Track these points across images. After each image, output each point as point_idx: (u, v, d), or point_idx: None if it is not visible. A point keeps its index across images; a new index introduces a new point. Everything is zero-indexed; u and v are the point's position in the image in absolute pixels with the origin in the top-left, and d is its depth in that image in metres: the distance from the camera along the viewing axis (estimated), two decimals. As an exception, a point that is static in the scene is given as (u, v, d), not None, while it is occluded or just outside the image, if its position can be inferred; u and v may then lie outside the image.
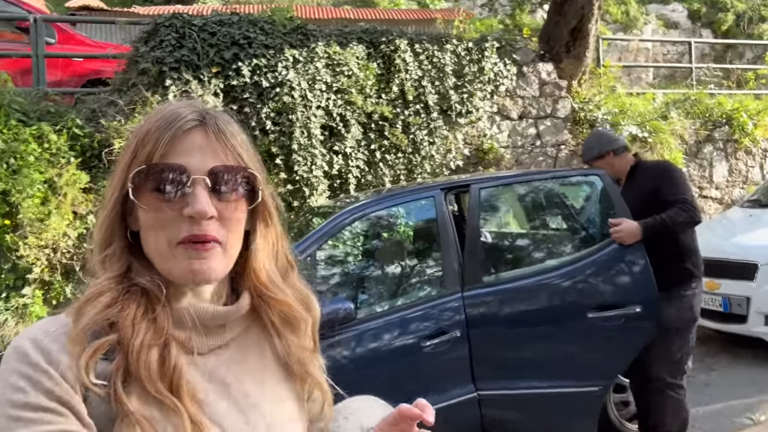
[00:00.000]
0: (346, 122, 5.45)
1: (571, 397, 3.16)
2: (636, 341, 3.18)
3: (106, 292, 0.75)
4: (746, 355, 5.19)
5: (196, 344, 0.78)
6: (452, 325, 3.21)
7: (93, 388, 0.69)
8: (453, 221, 3.48)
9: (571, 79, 6.47)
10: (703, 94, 7.40)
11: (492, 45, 6.08)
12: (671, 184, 3.13)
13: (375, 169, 5.57)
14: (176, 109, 0.80)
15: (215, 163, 0.78)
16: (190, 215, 0.75)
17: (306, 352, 0.88)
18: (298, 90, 5.27)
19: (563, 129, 6.38)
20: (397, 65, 5.69)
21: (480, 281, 3.35)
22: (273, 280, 0.85)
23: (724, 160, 7.30)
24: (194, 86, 5.05)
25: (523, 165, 6.22)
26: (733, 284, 4.97)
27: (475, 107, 5.97)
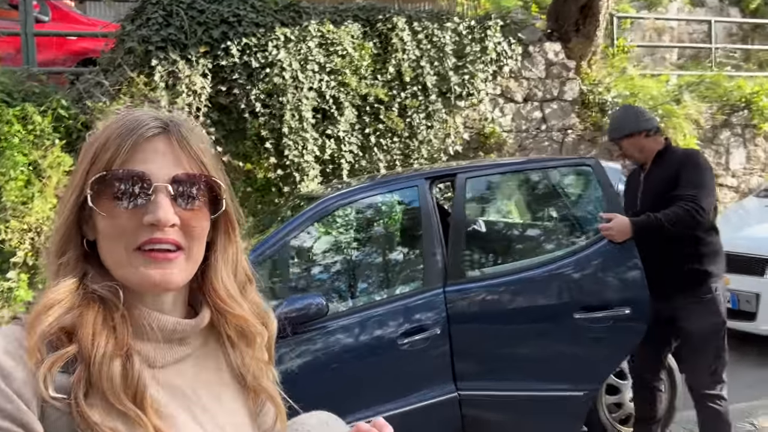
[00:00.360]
0: (340, 105, 5.25)
1: (554, 401, 3.03)
2: (625, 345, 3.01)
3: (63, 301, 0.73)
4: (753, 354, 4.94)
5: (157, 357, 0.77)
6: (433, 322, 3.09)
7: (52, 402, 0.67)
8: (438, 212, 3.32)
9: (581, 60, 6.16)
10: (721, 77, 7.03)
11: (496, 23, 5.80)
12: (687, 177, 2.80)
13: (369, 154, 5.37)
14: (139, 115, 0.78)
15: (178, 170, 0.77)
16: (150, 223, 0.74)
17: (261, 365, 0.87)
18: (289, 71, 5.07)
19: (570, 112, 6.10)
20: (394, 45, 5.45)
21: (463, 276, 3.21)
22: (231, 294, 0.84)
23: (742, 146, 6.95)
24: (181, 66, 4.88)
25: (527, 150, 5.97)
26: (743, 279, 4.70)
27: (476, 89, 5.71)
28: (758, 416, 3.85)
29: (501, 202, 3.72)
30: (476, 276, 3.26)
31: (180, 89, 4.86)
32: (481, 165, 3.58)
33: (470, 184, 3.33)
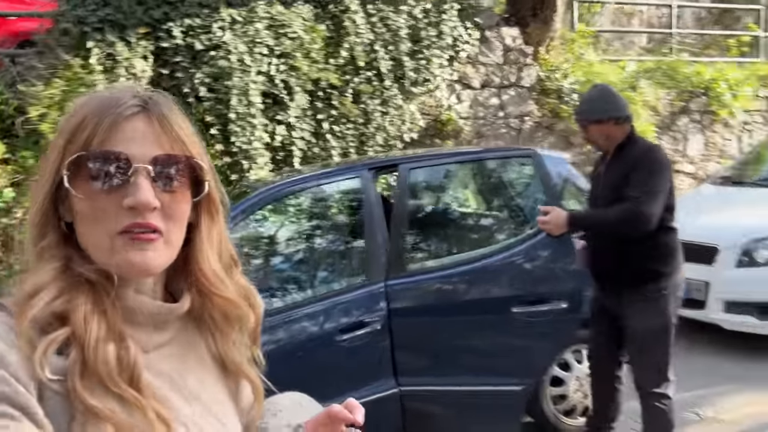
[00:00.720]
0: (290, 89, 5.07)
1: (493, 395, 3.01)
2: (561, 338, 3.01)
3: (51, 283, 0.71)
4: (703, 342, 4.97)
5: (142, 341, 0.76)
6: (373, 317, 3.03)
7: (50, 384, 0.66)
8: (381, 204, 3.23)
9: (538, 46, 6.07)
10: (681, 62, 7.02)
11: (452, 7, 5.65)
12: (637, 177, 2.65)
13: (323, 141, 5.22)
14: (118, 93, 0.76)
15: (158, 151, 0.74)
16: (130, 206, 0.71)
17: (241, 348, 0.86)
18: (235, 53, 4.87)
19: (528, 99, 6.02)
20: (347, 28, 5.28)
21: (405, 270, 3.15)
22: (218, 275, 0.82)
23: (700, 132, 6.97)
24: (120, 48, 4.64)
25: (484, 138, 5.88)
26: (693, 268, 4.67)
27: (432, 75, 5.58)
28: (703, 406, 3.87)
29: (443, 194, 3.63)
30: (417, 269, 3.19)
31: (118, 72, 4.62)
32: (425, 155, 3.48)
33: (413, 174, 3.24)
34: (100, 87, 4.56)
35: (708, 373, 4.35)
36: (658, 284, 2.71)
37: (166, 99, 0.80)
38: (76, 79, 4.59)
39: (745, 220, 4.79)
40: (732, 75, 6.93)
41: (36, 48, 4.84)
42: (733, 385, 4.14)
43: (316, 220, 3.55)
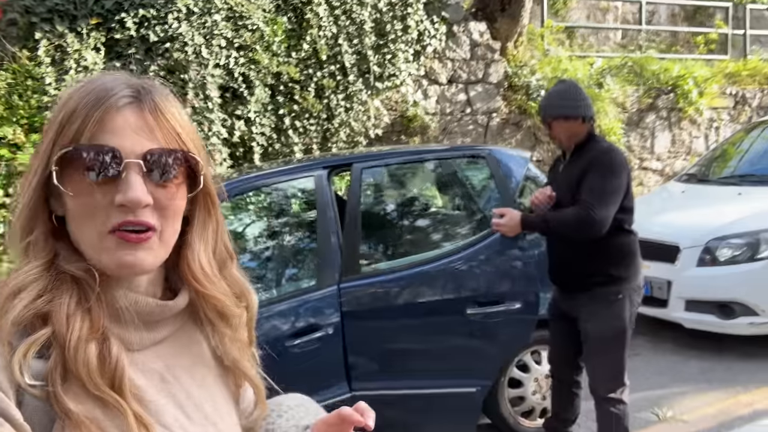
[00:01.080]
0: (250, 83, 4.92)
1: (449, 397, 2.97)
2: (515, 339, 2.98)
3: (33, 282, 0.69)
4: (668, 339, 4.97)
5: (133, 339, 0.74)
6: (326, 321, 2.95)
7: (29, 389, 0.64)
8: (335, 204, 3.14)
9: (506, 41, 6.00)
10: (649, 59, 7.01)
11: (418, 0, 5.54)
12: (590, 181, 2.58)
13: (284, 136, 5.08)
14: (108, 82, 0.72)
15: (151, 145, 0.71)
16: (121, 203, 0.69)
17: (241, 346, 0.84)
18: (191, 45, 4.70)
19: (496, 95, 5.95)
20: (310, 20, 5.14)
21: (358, 272, 3.07)
22: (206, 273, 0.79)
23: (667, 129, 6.98)
24: (70, 40, 4.44)
25: (451, 134, 5.80)
26: (656, 266, 4.68)
27: (398, 69, 5.47)
28: (662, 405, 3.84)
29: (398, 193, 3.54)
30: (370, 272, 3.11)
31: (68, 65, 4.43)
32: (378, 154, 3.38)
33: (366, 174, 3.16)
34: (48, 80, 4.37)
35: (670, 373, 4.34)
36: (613, 288, 2.65)
37: (160, 88, 0.76)
38: (23, 71, 4.40)
39: (707, 219, 4.79)
40: (699, 72, 6.94)
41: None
42: (695, 385, 4.13)
43: (268, 221, 3.43)
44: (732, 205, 4.88)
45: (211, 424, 0.78)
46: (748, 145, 5.97)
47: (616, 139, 6.21)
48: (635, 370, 4.44)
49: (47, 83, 4.36)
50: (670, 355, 4.66)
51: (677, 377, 4.27)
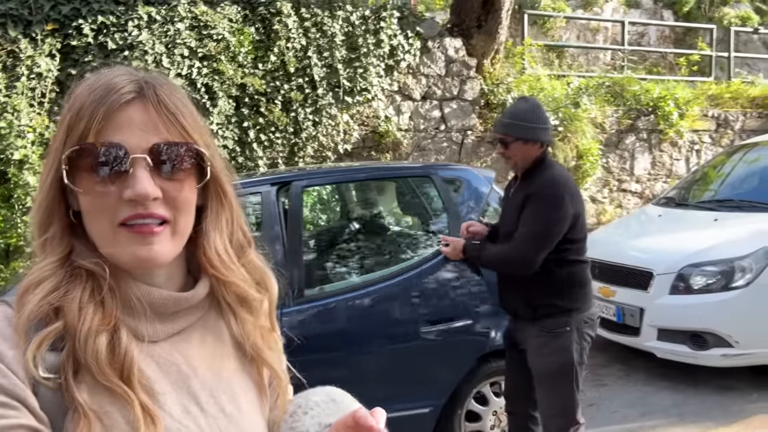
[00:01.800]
0: (213, 95, 4.76)
1: (401, 420, 2.81)
2: (467, 357, 2.95)
3: (49, 277, 0.71)
4: (640, 368, 4.79)
5: (148, 331, 0.75)
6: None
7: (43, 381, 0.66)
8: (283, 224, 2.98)
9: (483, 58, 5.87)
10: (630, 80, 6.92)
11: (391, 14, 5.42)
12: (525, 215, 2.44)
13: (248, 149, 4.91)
14: (111, 78, 0.73)
15: (156, 139, 0.72)
16: (130, 198, 0.70)
17: (263, 333, 0.84)
18: (152, 54, 4.54)
19: (471, 113, 5.81)
20: (278, 31, 4.99)
21: (302, 296, 2.91)
22: (223, 260, 0.80)
23: (647, 151, 6.86)
24: (23, 45, 4.27)
25: (425, 151, 5.64)
26: (628, 293, 4.52)
27: (369, 84, 5.32)
28: (631, 442, 3.66)
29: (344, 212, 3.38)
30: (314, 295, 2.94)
31: (20, 71, 4.25)
32: (320, 172, 3.23)
33: (308, 192, 3.00)
34: None
35: (640, 405, 4.15)
36: (561, 319, 2.47)
37: (164, 80, 0.76)
38: (-29, 76, 4.21)
39: (683, 244, 4.63)
40: (681, 94, 6.85)
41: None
42: (666, 419, 3.94)
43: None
44: (708, 231, 4.73)
45: (225, 415, 0.78)
46: (730, 169, 5.84)
47: (593, 160, 6.08)
48: (602, 401, 4.25)
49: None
50: (641, 386, 4.48)
51: (648, 410, 4.07)
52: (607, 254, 4.79)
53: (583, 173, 6.11)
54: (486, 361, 3.28)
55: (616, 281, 4.63)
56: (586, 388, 4.51)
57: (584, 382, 4.67)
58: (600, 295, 4.72)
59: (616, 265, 4.65)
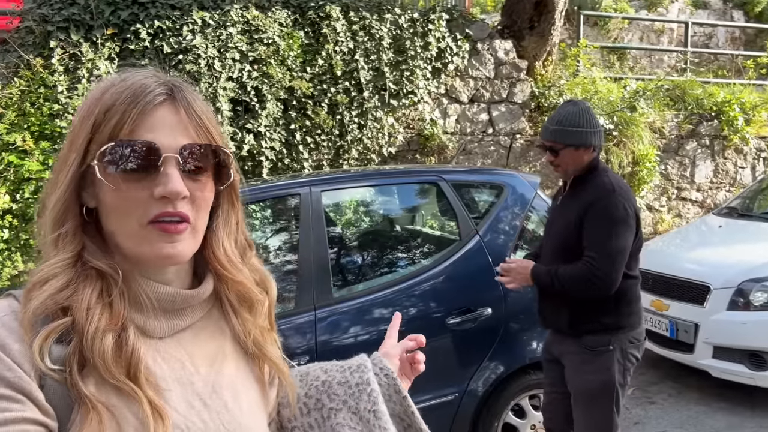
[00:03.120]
0: (262, 97, 4.84)
1: (430, 410, 2.84)
2: (488, 343, 3.00)
3: (59, 275, 0.72)
4: (693, 387, 4.54)
5: (155, 328, 0.77)
6: (302, 350, 2.82)
7: (49, 373, 0.67)
8: (324, 225, 3.02)
9: (534, 60, 5.73)
10: (693, 83, 6.59)
11: (440, 17, 5.36)
12: (590, 231, 2.28)
13: (294, 152, 4.97)
14: (141, 80, 0.76)
15: (186, 140, 0.75)
16: (162, 195, 0.72)
17: (263, 331, 0.87)
18: (204, 58, 4.66)
19: (520, 116, 5.68)
20: (326, 35, 5.03)
21: (331, 297, 2.94)
22: (231, 259, 0.83)
23: (710, 158, 6.51)
24: (85, 49, 4.47)
25: (471, 155, 5.56)
26: (682, 307, 4.29)
27: (416, 87, 5.29)
28: (678, 465, 3.47)
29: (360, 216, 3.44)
30: (345, 295, 2.96)
31: (81, 74, 4.46)
32: (335, 177, 3.25)
33: (326, 196, 3.10)
34: (60, 88, 4.40)
35: (693, 425, 3.94)
36: (601, 338, 2.34)
37: (188, 85, 0.80)
38: (36, 79, 4.45)
39: (744, 257, 4.36)
40: (747, 98, 6.47)
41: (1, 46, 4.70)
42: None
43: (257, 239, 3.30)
44: (772, 244, 4.44)
45: (228, 410, 0.79)
46: (800, 178, 5.49)
47: (650, 167, 5.82)
48: (649, 420, 4.05)
49: (59, 91, 4.40)
50: (693, 405, 4.24)
51: (702, 430, 3.86)
52: (661, 265, 4.57)
53: (640, 180, 5.86)
54: (525, 372, 3.19)
55: (670, 294, 4.41)
56: (632, 405, 4.32)
57: (631, 399, 4.49)
58: (652, 309, 4.51)
59: (670, 277, 4.43)
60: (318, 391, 0.98)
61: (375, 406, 0.96)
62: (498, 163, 5.57)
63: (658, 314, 4.47)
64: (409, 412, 1.02)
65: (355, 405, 0.96)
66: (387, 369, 1.02)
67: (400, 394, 1.01)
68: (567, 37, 7.50)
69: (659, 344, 4.53)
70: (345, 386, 0.98)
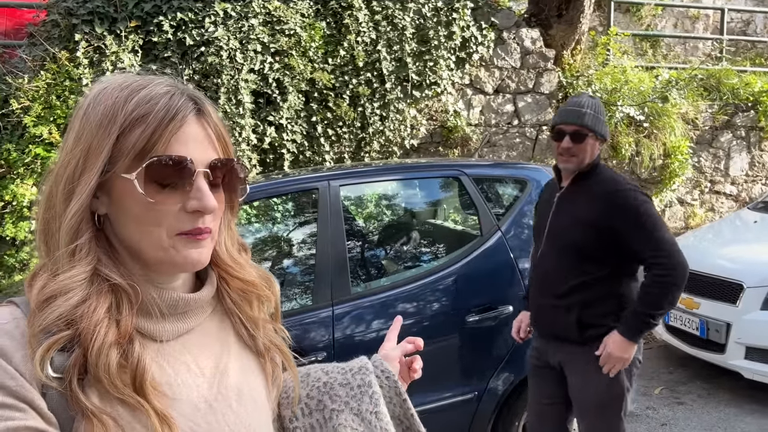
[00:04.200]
0: (284, 89, 4.81)
1: (448, 408, 2.85)
2: (507, 341, 2.90)
3: (76, 290, 0.71)
4: (724, 388, 4.39)
5: (161, 332, 0.78)
6: (319, 346, 2.81)
7: (49, 383, 0.67)
8: (342, 220, 2.99)
9: (562, 49, 5.57)
10: (729, 72, 6.34)
11: (464, 5, 5.24)
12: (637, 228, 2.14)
13: (316, 144, 4.93)
14: (169, 93, 0.76)
15: (213, 154, 0.78)
16: (196, 209, 0.75)
17: (266, 325, 0.89)
18: (226, 50, 4.65)
19: (547, 107, 5.54)
20: (348, 25, 4.97)
21: (348, 293, 2.91)
22: (235, 259, 0.86)
23: (745, 150, 6.27)
24: (109, 42, 4.49)
25: (495, 147, 5.45)
26: (714, 306, 4.15)
27: (439, 77, 5.19)
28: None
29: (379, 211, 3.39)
30: (363, 291, 2.92)
31: (105, 67, 4.48)
32: (354, 171, 3.18)
33: (345, 190, 3.04)
34: (85, 81, 4.44)
35: (723, 427, 3.81)
36: None
37: (205, 98, 0.81)
38: (62, 72, 4.49)
39: (780, 255, 4.19)
40: (787, 88, 6.20)
41: (29, 40, 4.76)
42: (751, 445, 3.59)
43: (267, 232, 3.27)
44: (811, 241, 4.25)
45: (233, 411, 0.80)
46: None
47: (682, 159, 5.62)
48: (677, 422, 3.93)
49: (84, 84, 4.43)
50: (724, 407, 4.10)
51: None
52: (692, 262, 4.37)
53: (671, 173, 5.67)
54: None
55: (701, 292, 4.26)
56: (660, 405, 4.20)
57: (659, 399, 4.36)
58: (682, 307, 4.37)
59: (701, 274, 4.28)
60: (320, 392, 1.00)
61: (377, 408, 0.98)
62: (523, 155, 5.45)
63: (688, 313, 4.33)
64: (408, 415, 1.05)
65: (357, 406, 0.98)
66: (388, 371, 1.04)
67: (400, 397, 1.04)
68: (597, 24, 7.28)
69: (689, 343, 4.39)
70: (347, 388, 1.00)
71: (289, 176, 3.22)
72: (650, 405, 4.20)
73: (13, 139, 4.46)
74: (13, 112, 4.44)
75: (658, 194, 5.82)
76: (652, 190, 5.81)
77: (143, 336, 0.76)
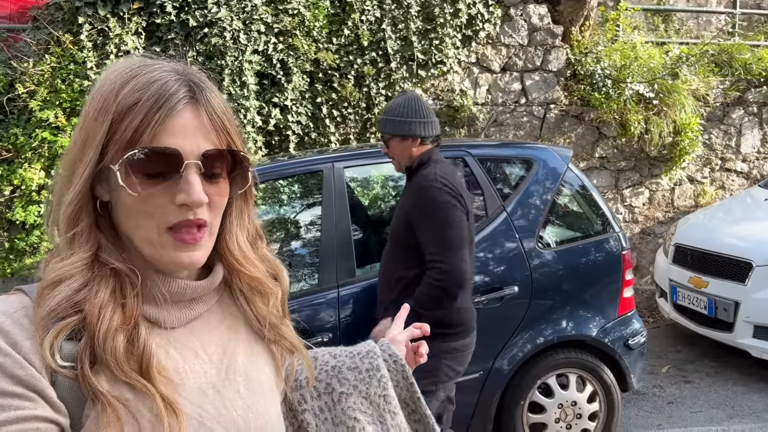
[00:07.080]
0: (288, 70, 4.78)
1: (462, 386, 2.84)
2: (513, 321, 2.98)
3: (76, 275, 0.71)
4: (731, 366, 4.39)
5: (168, 319, 0.77)
6: (324, 327, 2.84)
7: (60, 370, 0.67)
8: (346, 202, 2.99)
9: (570, 25, 5.47)
10: (741, 47, 6.21)
11: (471, -18, 5.15)
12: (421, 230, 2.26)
13: (321, 125, 4.91)
14: (163, 77, 0.73)
15: (207, 145, 0.75)
16: (183, 203, 0.72)
17: (274, 318, 0.88)
18: (230, 30, 4.61)
19: (555, 85, 5.46)
20: (352, 3, 4.90)
21: (354, 274, 2.93)
22: (246, 254, 0.85)
23: (757, 127, 6.17)
24: (112, 24, 4.47)
25: (502, 126, 5.39)
26: (722, 284, 4.13)
27: (445, 56, 5.13)
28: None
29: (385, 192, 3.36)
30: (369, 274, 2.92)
31: (109, 49, 4.47)
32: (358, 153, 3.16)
33: (349, 172, 3.05)
34: (89, 64, 4.43)
35: (731, 405, 3.81)
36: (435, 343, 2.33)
37: (206, 79, 0.78)
38: (67, 56, 4.48)
39: (791, 233, 4.15)
40: (801, 62, 6.05)
41: (33, 23, 4.74)
42: (759, 423, 3.60)
43: (272, 215, 3.27)
44: (823, 219, 4.20)
45: (241, 397, 0.80)
46: None
47: (693, 136, 5.54)
48: (684, 400, 3.94)
49: (88, 67, 4.42)
50: (732, 385, 4.11)
51: (737, 413, 3.73)
52: (701, 241, 4.39)
53: (681, 150, 5.60)
54: (553, 351, 3.13)
55: (710, 271, 4.24)
56: (667, 384, 4.21)
57: (666, 378, 4.36)
58: (690, 285, 4.35)
59: (710, 252, 4.25)
60: (328, 376, 1.02)
61: (385, 391, 1.00)
62: (531, 134, 5.40)
63: (696, 291, 4.31)
64: (415, 398, 1.07)
65: (366, 390, 1.00)
66: (396, 355, 1.06)
67: (407, 380, 1.06)
68: (607, 0, 7.14)
69: (697, 322, 4.38)
70: (355, 371, 1.01)
71: (294, 158, 3.21)
72: (657, 383, 4.21)
73: (20, 124, 4.47)
74: (19, 96, 4.45)
75: (668, 172, 5.76)
76: (661, 168, 5.75)
77: (150, 323, 0.76)
